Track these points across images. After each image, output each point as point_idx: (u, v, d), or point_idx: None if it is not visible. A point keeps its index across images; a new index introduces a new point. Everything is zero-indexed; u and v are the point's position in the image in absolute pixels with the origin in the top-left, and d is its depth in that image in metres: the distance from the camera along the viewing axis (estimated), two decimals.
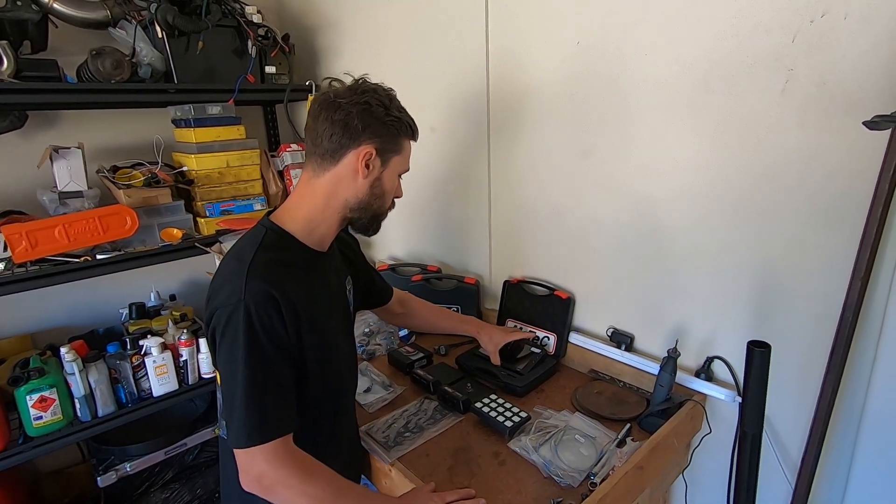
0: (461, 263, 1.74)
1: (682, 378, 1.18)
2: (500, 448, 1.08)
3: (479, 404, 1.17)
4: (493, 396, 1.20)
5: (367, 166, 0.89)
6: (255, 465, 0.78)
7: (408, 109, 0.96)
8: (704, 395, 1.16)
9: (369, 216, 0.95)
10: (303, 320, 0.84)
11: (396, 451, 1.08)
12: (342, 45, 1.95)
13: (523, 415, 1.14)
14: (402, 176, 1.00)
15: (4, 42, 1.40)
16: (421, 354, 1.41)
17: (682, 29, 1.04)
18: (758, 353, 0.91)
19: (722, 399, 1.12)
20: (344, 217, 0.94)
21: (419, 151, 1.74)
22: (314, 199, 0.91)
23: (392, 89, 0.94)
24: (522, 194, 1.46)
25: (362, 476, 1.13)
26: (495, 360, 1.32)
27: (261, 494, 0.80)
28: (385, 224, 2.07)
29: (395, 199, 1.01)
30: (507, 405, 1.17)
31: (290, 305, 0.82)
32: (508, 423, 1.11)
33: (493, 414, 1.14)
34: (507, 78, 1.40)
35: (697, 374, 1.17)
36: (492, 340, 1.33)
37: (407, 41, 1.67)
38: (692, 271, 1.15)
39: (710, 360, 1.15)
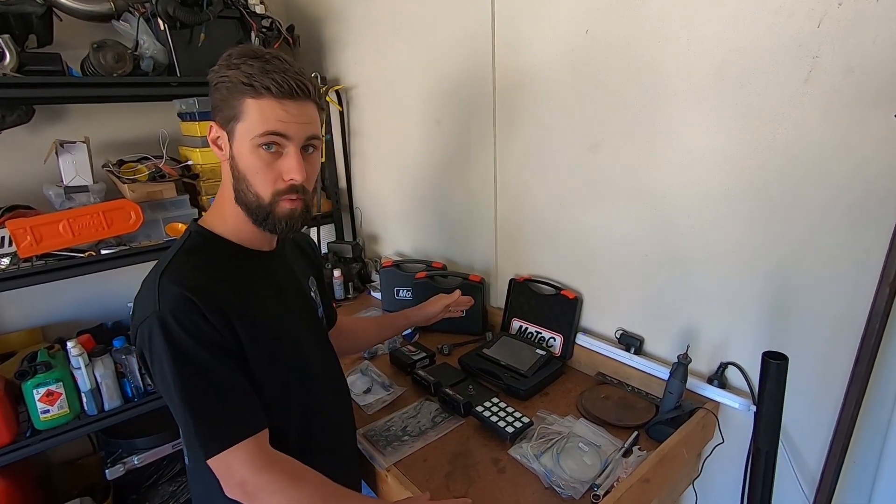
0: (467, 260, 1.70)
1: (694, 384, 1.12)
2: (500, 455, 1.04)
3: (479, 408, 1.14)
4: (495, 400, 1.17)
5: (218, 146, 0.81)
6: (234, 473, 0.74)
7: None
8: (717, 403, 1.10)
9: (249, 206, 0.80)
10: (234, 320, 0.77)
11: (393, 455, 1.05)
12: (348, 37, 1.91)
13: (525, 420, 1.10)
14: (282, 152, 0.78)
15: (6, 36, 1.39)
16: (423, 354, 1.38)
17: (697, 13, 0.97)
18: (774, 366, 0.85)
19: (736, 408, 1.06)
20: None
21: (425, 144, 1.73)
22: (223, 191, 0.84)
23: (239, 45, 0.80)
24: (529, 189, 1.41)
25: (363, 483, 1.10)
26: (448, 301, 1.32)
27: (245, 502, 0.76)
28: (390, 218, 2.04)
29: (291, 183, 0.79)
30: (509, 409, 1.13)
31: (213, 307, 0.74)
32: (509, 429, 1.07)
33: (493, 419, 1.10)
34: (514, 69, 1.34)
35: (710, 381, 1.12)
36: (435, 304, 1.32)
37: (413, 33, 1.62)
38: (706, 272, 1.09)
39: (723, 365, 1.10)
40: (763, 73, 0.91)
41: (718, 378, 1.10)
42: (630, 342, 1.25)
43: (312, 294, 1.02)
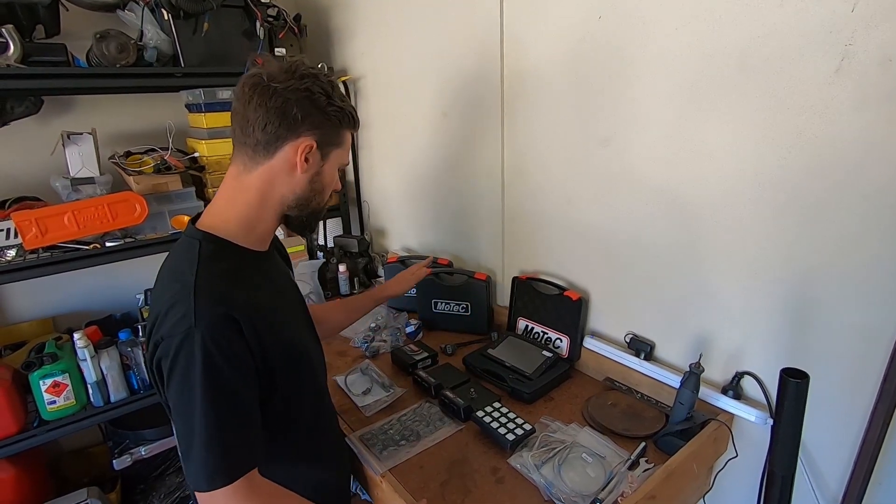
0: (473, 257, 1.65)
1: (707, 394, 1.06)
2: (499, 463, 1.00)
3: (480, 413, 1.09)
4: (497, 405, 1.12)
5: (306, 160, 0.80)
6: (215, 502, 0.71)
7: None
8: (731, 415, 1.04)
9: (307, 213, 0.87)
10: (265, 334, 0.76)
11: (389, 460, 1.02)
12: (356, 26, 1.87)
13: (527, 427, 1.05)
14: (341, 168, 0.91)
15: (10, 26, 1.38)
16: (425, 354, 1.34)
17: None
18: (793, 385, 0.78)
19: (752, 421, 1.00)
20: (281, 214, 0.85)
21: (432, 136, 1.68)
22: (247, 197, 0.81)
23: (332, 75, 0.84)
24: (537, 185, 1.35)
25: (356, 482, 1.08)
26: (421, 273, 1.39)
27: None
28: (397, 212, 2.00)
29: (336, 190, 0.92)
30: (511, 415, 1.09)
31: (248, 321, 0.73)
32: (510, 437, 1.03)
33: (494, 425, 1.06)
34: (523, 60, 1.28)
35: (724, 391, 1.05)
36: (403, 278, 1.37)
37: (421, 22, 1.56)
38: (723, 275, 1.03)
39: (739, 375, 1.03)
40: (789, 62, 0.84)
41: (733, 388, 1.04)
42: (640, 347, 1.19)
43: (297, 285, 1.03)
